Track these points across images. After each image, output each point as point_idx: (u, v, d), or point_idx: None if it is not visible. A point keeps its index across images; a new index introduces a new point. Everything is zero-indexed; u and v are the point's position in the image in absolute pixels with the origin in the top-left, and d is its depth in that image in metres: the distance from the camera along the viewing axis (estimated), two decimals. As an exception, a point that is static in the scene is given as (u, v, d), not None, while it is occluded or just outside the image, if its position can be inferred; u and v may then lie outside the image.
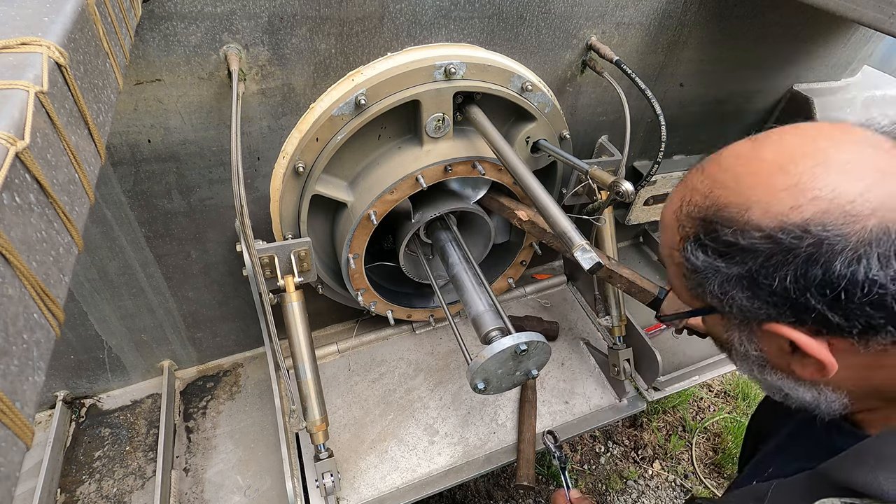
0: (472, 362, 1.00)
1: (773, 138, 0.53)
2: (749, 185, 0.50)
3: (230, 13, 0.90)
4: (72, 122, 0.42)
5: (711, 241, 0.53)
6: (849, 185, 0.46)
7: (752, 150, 0.53)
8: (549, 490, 2.21)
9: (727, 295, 0.54)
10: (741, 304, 0.53)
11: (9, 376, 0.29)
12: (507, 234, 1.52)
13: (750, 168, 0.52)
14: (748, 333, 0.56)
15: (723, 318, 0.58)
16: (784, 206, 0.47)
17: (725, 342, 0.61)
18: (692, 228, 0.55)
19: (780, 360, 0.56)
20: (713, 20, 1.30)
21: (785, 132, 0.53)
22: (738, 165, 0.53)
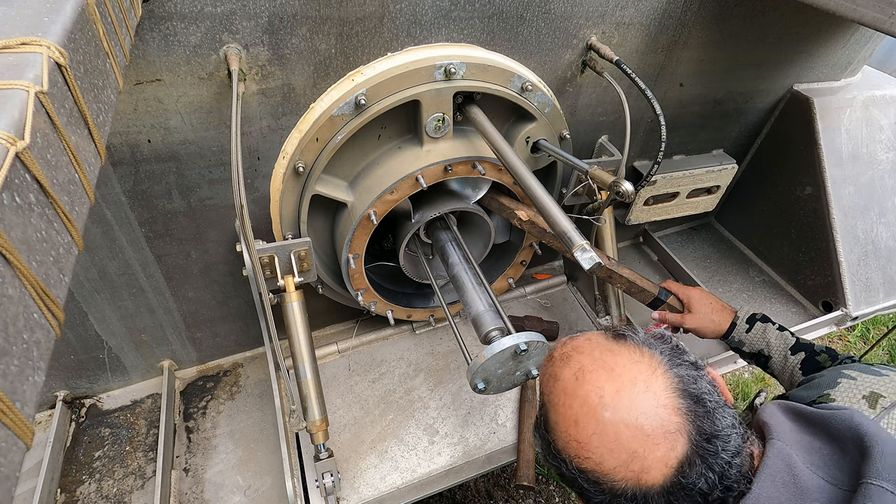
0: (472, 362, 1.00)
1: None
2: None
3: (230, 13, 0.90)
4: (72, 122, 0.42)
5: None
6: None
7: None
8: (548, 490, 2.21)
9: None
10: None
11: (9, 376, 0.29)
12: (507, 234, 1.52)
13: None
14: None
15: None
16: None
17: None
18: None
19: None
20: (713, 20, 1.30)
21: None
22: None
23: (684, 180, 1.59)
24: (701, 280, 1.70)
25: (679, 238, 2.00)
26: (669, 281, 1.29)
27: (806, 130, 1.57)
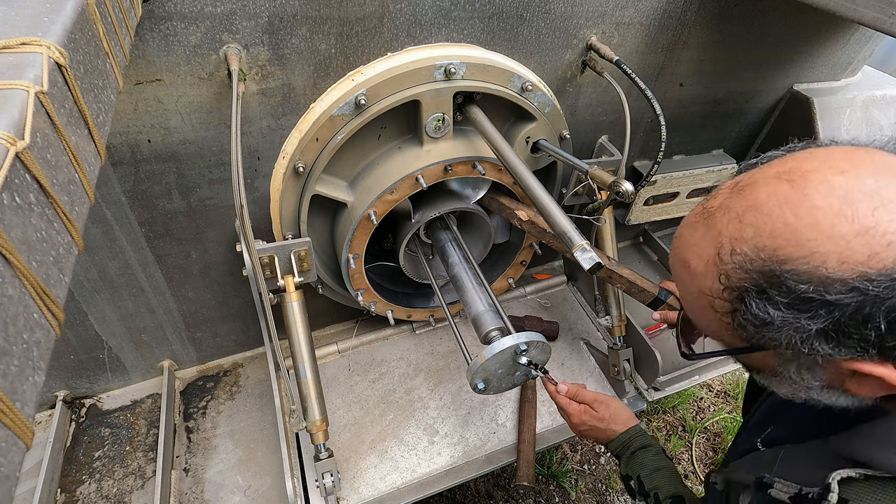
0: (472, 362, 1.00)
1: (814, 178, 0.51)
2: (810, 237, 0.49)
3: (230, 13, 0.90)
4: (72, 122, 0.42)
5: (783, 296, 0.51)
6: None
7: (796, 192, 0.51)
8: (548, 490, 2.21)
9: (805, 347, 0.53)
10: (822, 353, 0.52)
11: (9, 376, 0.29)
12: (507, 234, 1.52)
13: (803, 216, 0.50)
14: (808, 367, 0.57)
15: (777, 356, 0.58)
16: (861, 256, 0.46)
17: (770, 371, 0.62)
18: (746, 281, 0.54)
19: (835, 382, 0.57)
20: (713, 20, 1.30)
21: (821, 168, 0.51)
22: (787, 212, 0.51)
23: (684, 180, 1.59)
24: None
25: (679, 238, 2.00)
26: (668, 281, 1.29)
27: (806, 130, 1.57)
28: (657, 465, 0.97)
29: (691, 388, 2.53)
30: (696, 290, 0.61)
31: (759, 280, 0.53)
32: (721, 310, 0.59)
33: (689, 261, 0.61)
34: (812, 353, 0.53)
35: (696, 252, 0.60)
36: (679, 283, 0.65)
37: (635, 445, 1.01)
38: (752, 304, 0.54)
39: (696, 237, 0.60)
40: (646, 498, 0.94)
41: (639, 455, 0.99)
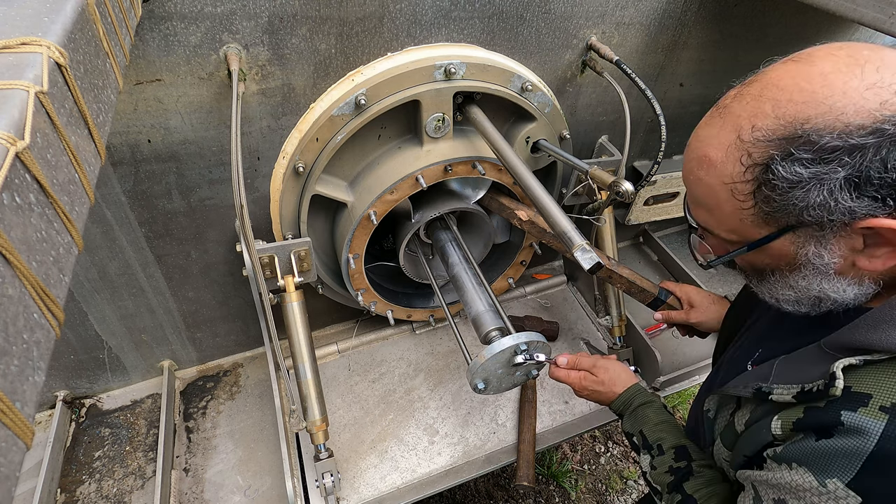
0: (472, 362, 1.00)
1: (818, 54, 0.57)
2: (826, 95, 0.54)
3: (230, 13, 0.90)
4: (72, 122, 0.42)
5: (808, 153, 0.55)
6: None
7: (806, 66, 0.56)
8: (548, 490, 2.21)
9: (831, 200, 0.56)
10: (845, 206, 0.56)
11: (9, 376, 0.29)
12: (507, 234, 1.52)
13: (816, 81, 0.55)
14: (825, 243, 0.61)
15: (795, 237, 0.62)
16: (874, 104, 0.52)
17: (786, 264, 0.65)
18: (770, 150, 0.57)
19: (846, 261, 0.62)
20: (713, 20, 1.30)
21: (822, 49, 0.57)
22: (800, 82, 0.56)
23: (684, 180, 1.59)
24: (701, 280, 1.70)
25: (679, 238, 2.00)
26: (665, 281, 1.29)
27: (806, 130, 1.57)
28: (660, 419, 0.98)
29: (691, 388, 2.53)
30: (715, 183, 0.64)
31: (784, 145, 0.57)
32: (742, 195, 0.62)
33: (707, 154, 0.64)
34: (835, 212, 0.57)
35: (714, 143, 0.63)
36: (695, 186, 0.68)
37: (637, 402, 1.02)
38: (778, 169, 0.57)
39: (713, 131, 0.63)
40: (650, 450, 0.95)
41: (640, 410, 1.01)
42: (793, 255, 0.64)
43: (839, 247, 0.61)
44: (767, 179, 0.59)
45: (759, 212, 0.62)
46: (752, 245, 0.66)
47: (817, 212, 0.58)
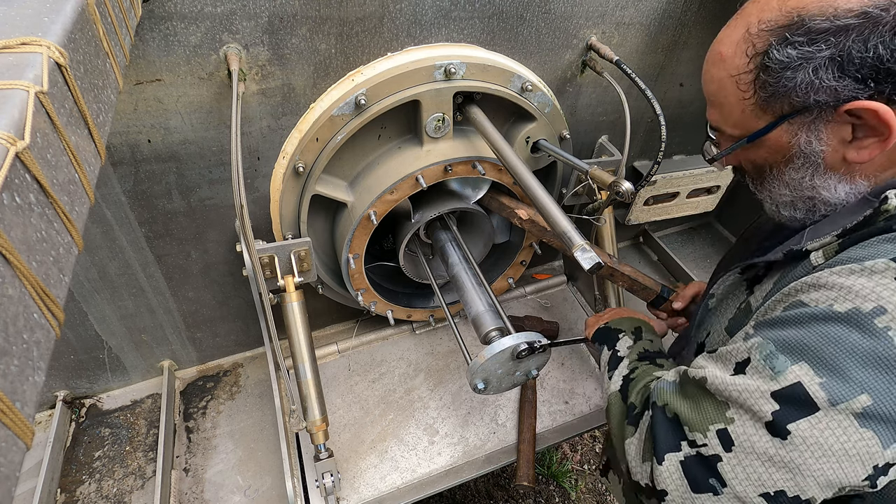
0: (472, 362, 1.00)
1: None
2: None
3: (230, 13, 0.90)
4: (72, 122, 0.42)
5: (801, 36, 0.63)
6: None
7: None
8: (548, 490, 2.21)
9: (816, 79, 0.64)
10: (828, 84, 0.63)
11: (9, 376, 0.29)
12: (507, 234, 1.52)
13: None
14: (815, 131, 0.68)
15: (789, 126, 0.69)
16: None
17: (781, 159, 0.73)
18: (770, 38, 0.66)
19: (836, 154, 0.68)
20: (713, 20, 1.30)
21: None
22: None
23: (684, 180, 1.59)
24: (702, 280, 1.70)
25: (679, 238, 2.00)
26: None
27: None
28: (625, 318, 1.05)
29: (691, 388, 2.52)
30: (724, 76, 0.74)
31: (782, 32, 0.65)
32: (744, 86, 0.71)
33: (720, 51, 0.74)
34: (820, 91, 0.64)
35: (726, 41, 0.73)
36: (709, 84, 0.79)
37: (614, 325, 1.06)
38: (774, 53, 0.66)
39: (728, 31, 0.73)
40: (615, 342, 1.00)
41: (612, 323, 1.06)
42: (787, 146, 0.71)
43: (828, 136, 0.68)
44: (765, 65, 0.67)
45: (758, 100, 0.70)
46: (752, 136, 0.74)
47: (805, 92, 0.65)
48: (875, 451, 0.57)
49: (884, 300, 0.57)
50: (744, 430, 0.64)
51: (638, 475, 0.76)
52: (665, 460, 0.70)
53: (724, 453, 0.65)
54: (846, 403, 0.57)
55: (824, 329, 0.60)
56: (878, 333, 0.57)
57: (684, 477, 0.68)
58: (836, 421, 0.58)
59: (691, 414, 0.69)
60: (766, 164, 0.77)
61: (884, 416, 0.56)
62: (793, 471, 0.61)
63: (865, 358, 0.57)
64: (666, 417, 0.73)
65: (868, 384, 0.56)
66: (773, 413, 0.61)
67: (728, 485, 0.65)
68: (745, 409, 0.64)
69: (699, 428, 0.68)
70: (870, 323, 0.57)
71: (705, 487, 0.66)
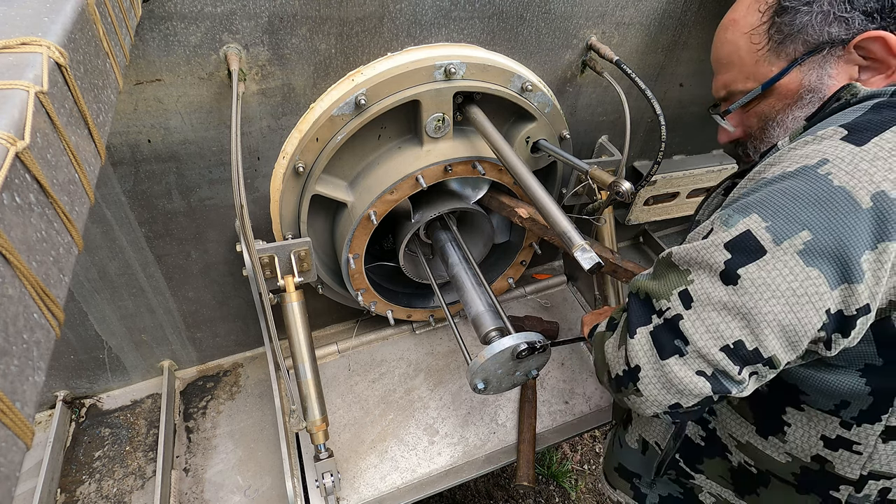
0: (472, 362, 1.00)
1: None
2: None
3: (230, 13, 0.90)
4: (72, 122, 0.42)
5: None
6: None
7: None
8: (548, 490, 2.21)
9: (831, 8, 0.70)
10: (840, 15, 0.70)
11: (9, 376, 0.29)
12: (507, 234, 1.52)
13: None
14: (825, 67, 0.74)
15: (801, 68, 0.76)
16: None
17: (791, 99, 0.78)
18: None
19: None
20: (713, 20, 1.30)
21: None
22: None
23: (684, 180, 1.59)
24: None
25: (679, 238, 2.00)
26: None
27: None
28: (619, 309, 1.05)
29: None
30: (737, 37, 0.81)
31: None
32: (758, 38, 0.78)
33: (732, 18, 0.82)
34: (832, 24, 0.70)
35: (738, 7, 0.81)
36: (721, 48, 0.85)
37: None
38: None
39: (738, 1, 0.82)
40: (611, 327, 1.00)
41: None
42: (796, 89, 0.77)
43: (837, 72, 0.73)
44: (781, 8, 0.74)
45: (772, 46, 0.77)
46: (767, 83, 0.79)
47: (820, 25, 0.71)
48: (823, 291, 0.58)
49: (828, 154, 0.61)
50: (701, 285, 0.66)
51: (615, 366, 0.77)
52: (637, 333, 0.72)
53: (684, 311, 0.67)
54: (789, 241, 0.59)
55: (775, 186, 0.63)
56: (820, 178, 0.60)
57: (653, 346, 0.69)
58: (781, 261, 0.60)
59: (658, 286, 0.71)
60: (773, 112, 0.81)
61: (825, 252, 0.58)
62: (746, 317, 0.62)
63: (806, 199, 0.59)
64: (638, 299, 0.75)
65: (808, 221, 0.58)
66: (725, 262, 0.63)
67: (690, 341, 0.66)
68: (703, 265, 0.66)
69: (664, 295, 0.70)
70: (814, 172, 0.60)
71: (671, 350, 0.67)
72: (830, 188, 0.58)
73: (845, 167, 0.59)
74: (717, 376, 0.65)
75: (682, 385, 0.66)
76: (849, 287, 0.57)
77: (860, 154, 0.59)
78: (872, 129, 0.60)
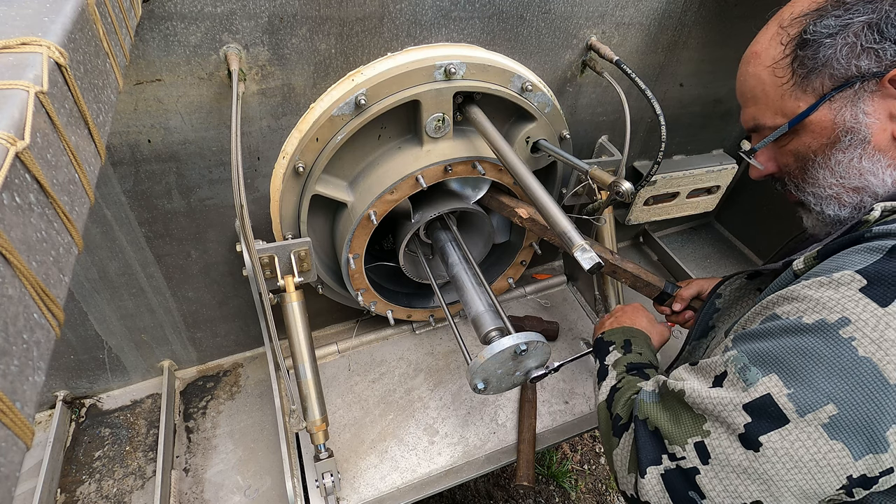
0: (472, 362, 1.00)
1: None
2: None
3: (230, 13, 0.90)
4: (72, 122, 0.42)
5: (837, 8, 0.67)
6: None
7: None
8: (548, 490, 2.21)
9: (857, 41, 0.66)
10: (868, 47, 0.66)
11: (9, 376, 0.29)
12: (507, 234, 1.52)
13: None
14: (860, 104, 0.69)
15: (832, 105, 0.70)
16: None
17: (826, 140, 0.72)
18: (805, 21, 0.70)
19: (884, 132, 0.68)
20: (713, 20, 1.30)
21: None
22: None
23: (684, 180, 1.59)
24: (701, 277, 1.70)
25: (679, 238, 2.00)
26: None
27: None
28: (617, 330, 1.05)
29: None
30: (760, 70, 0.77)
31: (816, 11, 0.69)
32: (782, 71, 0.74)
33: (755, 51, 0.78)
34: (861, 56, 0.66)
35: (760, 41, 0.77)
36: (745, 82, 0.81)
37: (607, 336, 1.05)
38: (811, 27, 0.69)
39: (761, 34, 0.78)
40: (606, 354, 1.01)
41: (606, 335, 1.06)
42: (831, 127, 0.71)
43: (875, 109, 0.68)
44: (803, 40, 0.70)
45: (797, 80, 0.72)
46: (794, 119, 0.74)
47: (846, 59, 0.67)
48: (846, 463, 0.57)
49: (848, 311, 0.58)
50: (719, 443, 0.64)
51: (624, 485, 0.77)
52: (647, 473, 0.71)
53: (701, 466, 0.66)
54: (813, 413, 0.58)
55: (793, 341, 0.61)
56: (842, 343, 0.57)
57: (665, 490, 0.69)
58: (805, 433, 0.58)
59: (670, 427, 0.70)
60: (809, 152, 0.75)
61: (851, 426, 0.56)
62: (767, 483, 0.61)
63: (830, 368, 0.57)
64: (647, 431, 0.74)
65: (833, 393, 0.57)
66: (745, 425, 0.62)
67: (707, 496, 0.65)
68: (720, 421, 0.65)
69: (678, 441, 0.68)
70: (835, 334, 0.58)
71: (685, 500, 0.67)
72: (855, 359, 0.56)
73: (870, 334, 0.56)
74: None
75: None
76: (874, 457, 0.56)
77: (885, 319, 0.55)
78: (894, 284, 0.56)
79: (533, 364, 1.06)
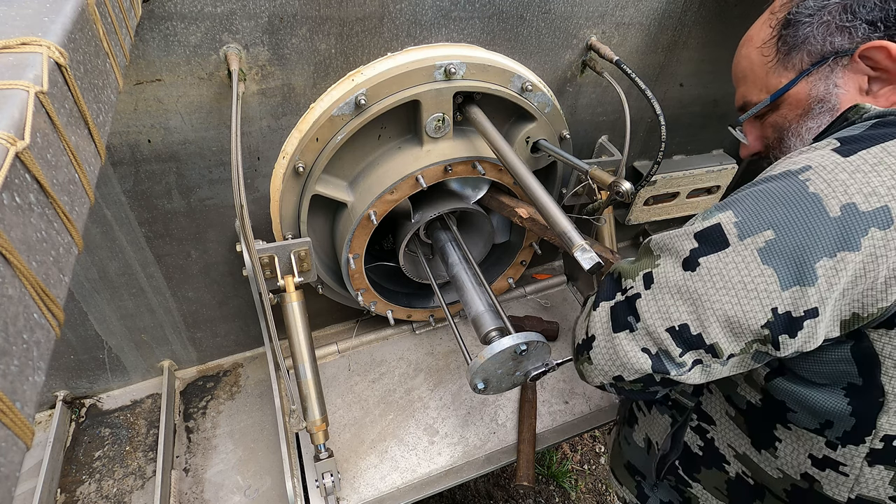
0: (472, 362, 1.00)
1: None
2: None
3: (230, 13, 0.90)
4: (72, 122, 0.42)
5: None
6: None
7: None
8: (548, 490, 2.21)
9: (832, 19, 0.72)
10: (841, 25, 0.71)
11: (9, 376, 0.29)
12: (507, 234, 1.52)
13: None
14: (833, 78, 0.75)
15: (809, 79, 0.77)
16: None
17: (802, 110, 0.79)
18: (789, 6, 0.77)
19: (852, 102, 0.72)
20: (713, 20, 1.30)
21: None
22: None
23: (684, 180, 1.59)
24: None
25: (679, 238, 2.00)
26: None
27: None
28: None
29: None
30: (751, 51, 0.85)
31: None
32: (768, 51, 0.81)
33: (749, 34, 0.87)
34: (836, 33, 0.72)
35: (754, 25, 0.87)
36: (738, 64, 0.89)
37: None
38: (794, 10, 0.76)
39: (756, 21, 0.87)
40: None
41: None
42: (806, 99, 0.78)
43: (845, 82, 0.74)
44: (787, 21, 0.77)
45: (780, 58, 0.80)
46: (776, 93, 0.81)
47: (822, 36, 0.73)
48: (773, 290, 0.59)
49: (812, 161, 0.61)
50: (664, 269, 0.68)
51: (578, 335, 0.81)
52: (599, 307, 0.75)
53: (643, 291, 0.69)
54: (752, 238, 0.60)
55: (757, 187, 0.64)
56: (798, 183, 0.60)
57: (610, 320, 0.73)
58: (740, 256, 0.61)
59: (629, 268, 0.75)
60: (786, 122, 0.82)
61: (784, 253, 0.59)
62: (695, 303, 0.64)
63: (779, 200, 0.60)
64: (612, 278, 0.78)
65: (775, 221, 0.60)
66: (691, 250, 0.66)
67: (641, 319, 0.68)
68: (671, 251, 0.69)
69: (631, 275, 0.73)
70: (794, 177, 0.61)
71: (623, 325, 0.70)
72: (804, 193, 0.59)
73: (824, 175, 0.59)
74: (659, 355, 0.68)
75: (626, 359, 0.70)
76: (800, 289, 0.58)
77: (842, 164, 0.59)
78: (862, 143, 0.60)
79: (533, 364, 1.06)
